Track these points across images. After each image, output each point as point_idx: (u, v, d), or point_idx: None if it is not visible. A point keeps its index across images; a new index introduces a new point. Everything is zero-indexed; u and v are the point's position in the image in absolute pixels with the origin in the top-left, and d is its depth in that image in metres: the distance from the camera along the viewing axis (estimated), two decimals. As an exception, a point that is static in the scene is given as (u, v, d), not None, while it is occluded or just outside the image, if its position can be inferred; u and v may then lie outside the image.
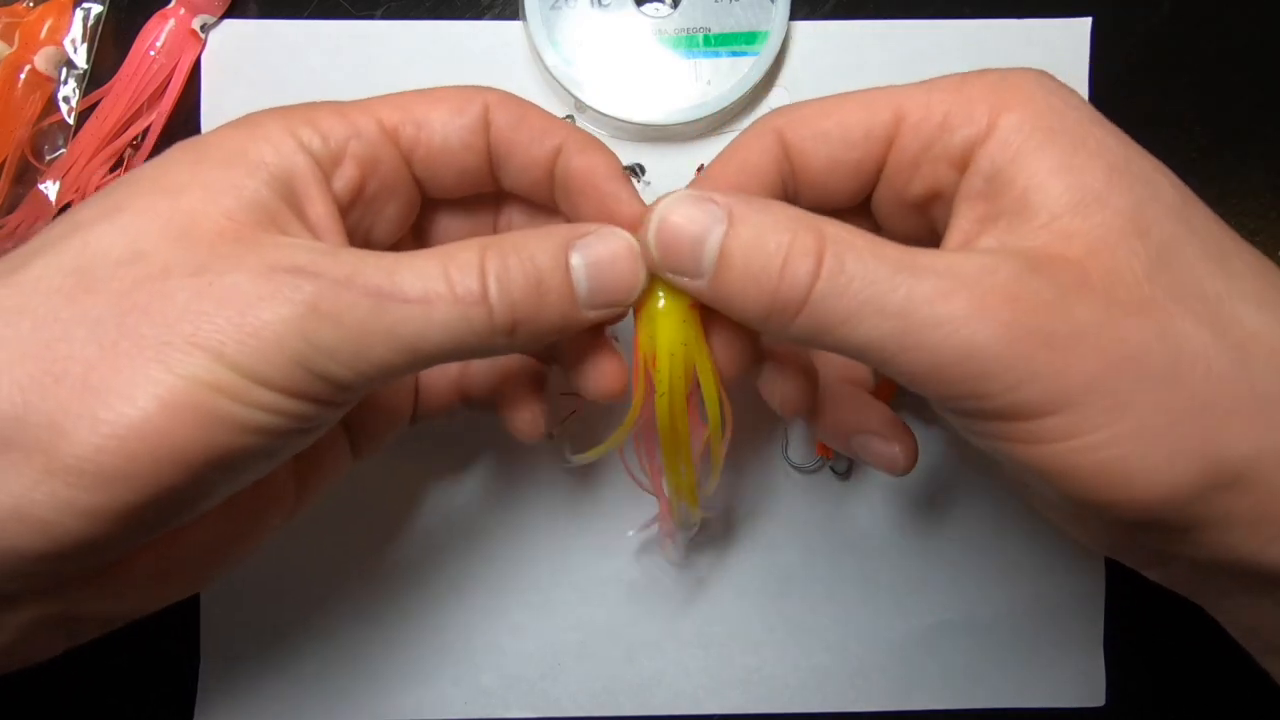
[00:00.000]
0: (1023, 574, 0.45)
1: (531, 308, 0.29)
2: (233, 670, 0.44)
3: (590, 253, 0.30)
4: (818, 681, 0.45)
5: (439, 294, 0.28)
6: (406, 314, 0.28)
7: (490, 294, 0.28)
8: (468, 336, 0.28)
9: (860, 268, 0.27)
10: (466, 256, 0.29)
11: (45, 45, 0.43)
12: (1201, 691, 0.46)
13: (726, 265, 0.28)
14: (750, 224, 0.28)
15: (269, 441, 0.28)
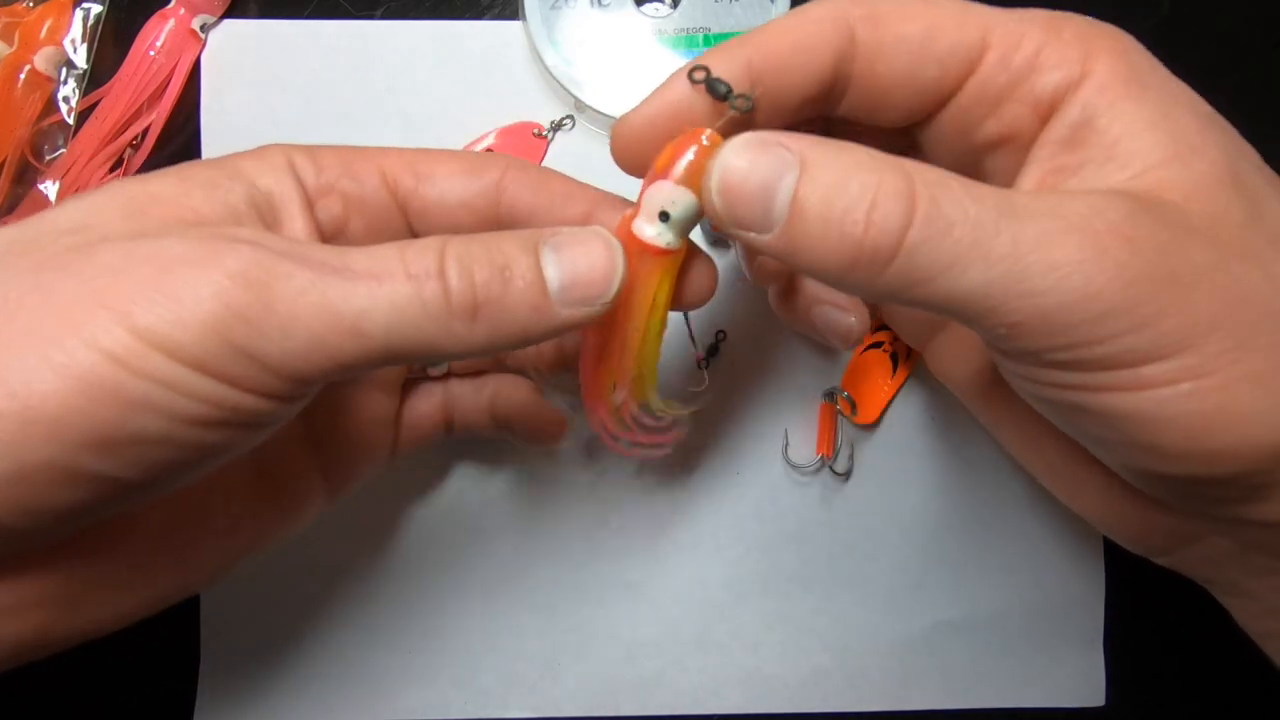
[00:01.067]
0: (1022, 574, 0.45)
1: (496, 291, 0.27)
2: (233, 670, 0.44)
3: (563, 245, 0.27)
4: (817, 681, 0.45)
5: (389, 270, 0.26)
6: (350, 289, 0.26)
7: (448, 273, 0.26)
8: (421, 319, 0.26)
9: (959, 211, 0.24)
10: (426, 242, 0.27)
11: (45, 45, 0.43)
12: (1201, 691, 0.46)
13: (801, 215, 0.25)
14: (828, 167, 0.25)
15: (193, 432, 0.25)
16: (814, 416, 0.45)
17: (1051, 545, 0.45)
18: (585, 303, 0.27)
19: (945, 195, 0.24)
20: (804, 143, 0.25)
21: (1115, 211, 0.25)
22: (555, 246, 0.28)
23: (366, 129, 0.44)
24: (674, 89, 0.29)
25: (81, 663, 0.43)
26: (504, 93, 0.45)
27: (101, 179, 0.43)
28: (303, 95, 0.44)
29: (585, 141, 0.45)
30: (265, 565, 0.44)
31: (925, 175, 0.25)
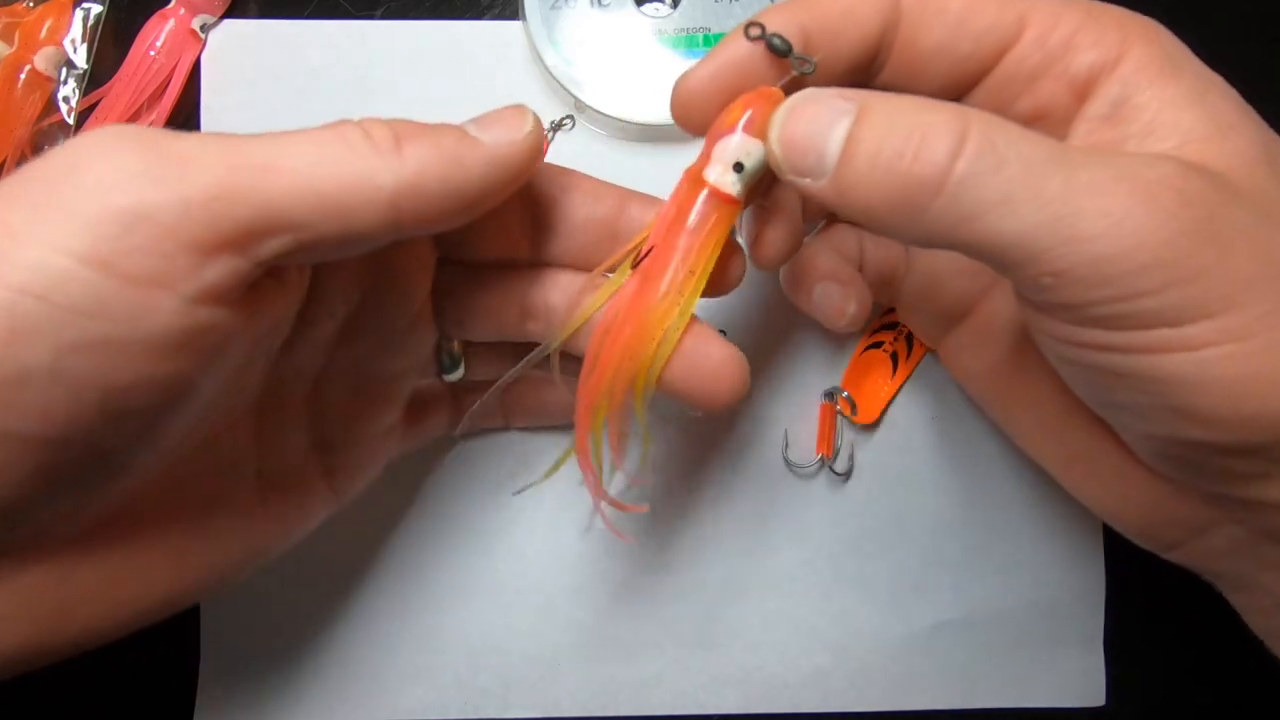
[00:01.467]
0: (1022, 574, 0.45)
1: (416, 130, 0.27)
2: (233, 670, 0.44)
3: (476, 118, 0.29)
4: (817, 681, 0.45)
5: (300, 131, 0.26)
6: (258, 140, 0.25)
7: (363, 122, 0.26)
8: (344, 154, 0.25)
9: (1013, 150, 0.24)
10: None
11: (45, 45, 0.43)
12: (1201, 691, 0.46)
13: (851, 155, 0.25)
14: (882, 112, 0.26)
15: (107, 359, 0.23)
16: (814, 416, 0.45)
17: (1052, 545, 0.45)
18: (509, 133, 0.28)
19: (1000, 133, 0.25)
20: (863, 94, 0.26)
21: (1167, 165, 0.25)
22: (467, 121, 0.29)
23: (366, 129, 0.44)
24: (734, 48, 0.30)
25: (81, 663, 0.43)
26: (504, 93, 0.45)
27: (101, 179, 0.43)
28: (303, 95, 0.44)
29: (585, 141, 0.45)
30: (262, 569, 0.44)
31: (982, 115, 0.25)
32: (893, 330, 0.44)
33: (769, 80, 0.29)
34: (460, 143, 0.27)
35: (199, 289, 0.24)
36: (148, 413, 0.25)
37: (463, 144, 0.27)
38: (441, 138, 0.27)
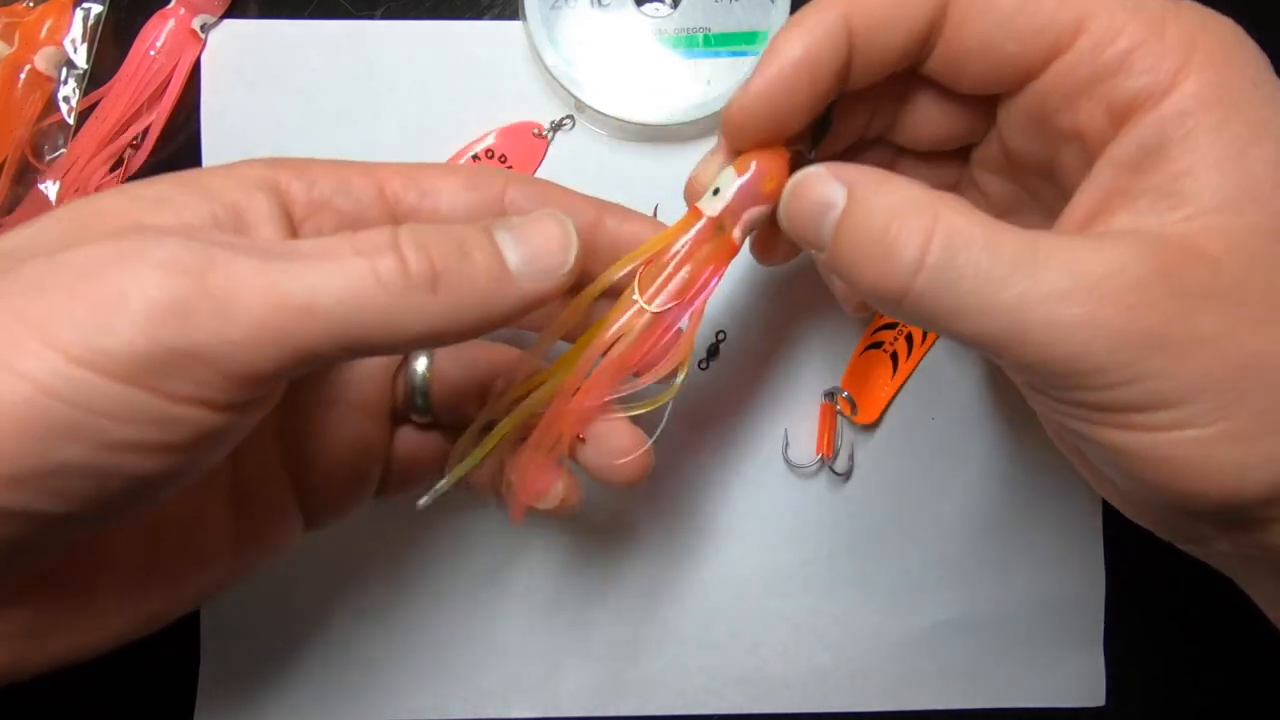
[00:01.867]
0: (1022, 574, 0.45)
1: (454, 262, 0.26)
2: (233, 670, 0.44)
3: (516, 226, 0.28)
4: (817, 681, 0.45)
5: (339, 251, 0.25)
6: (298, 268, 0.25)
7: (403, 248, 0.26)
8: (378, 292, 0.25)
9: (971, 265, 0.25)
10: (376, 229, 0.26)
11: (45, 45, 0.43)
12: (1202, 691, 0.46)
13: (839, 243, 0.28)
14: (859, 208, 0.27)
15: (129, 458, 0.24)
16: (814, 416, 0.45)
17: (1052, 545, 0.45)
18: (546, 273, 0.28)
19: (962, 245, 0.26)
20: (856, 176, 0.28)
21: (1131, 274, 0.25)
22: (509, 227, 0.28)
23: (366, 129, 0.44)
24: (777, 72, 0.29)
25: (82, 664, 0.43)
26: (504, 93, 0.45)
27: (102, 179, 0.43)
28: (303, 95, 0.44)
29: (585, 141, 0.45)
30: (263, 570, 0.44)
31: (950, 221, 0.26)
32: (893, 330, 0.44)
33: (813, 101, 0.30)
34: (496, 285, 0.27)
35: (228, 403, 0.25)
36: (155, 491, 0.26)
37: (498, 286, 0.27)
38: (478, 277, 0.27)
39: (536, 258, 0.28)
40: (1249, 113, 0.26)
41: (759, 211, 0.31)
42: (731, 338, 0.45)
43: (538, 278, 0.28)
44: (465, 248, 0.27)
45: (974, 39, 0.29)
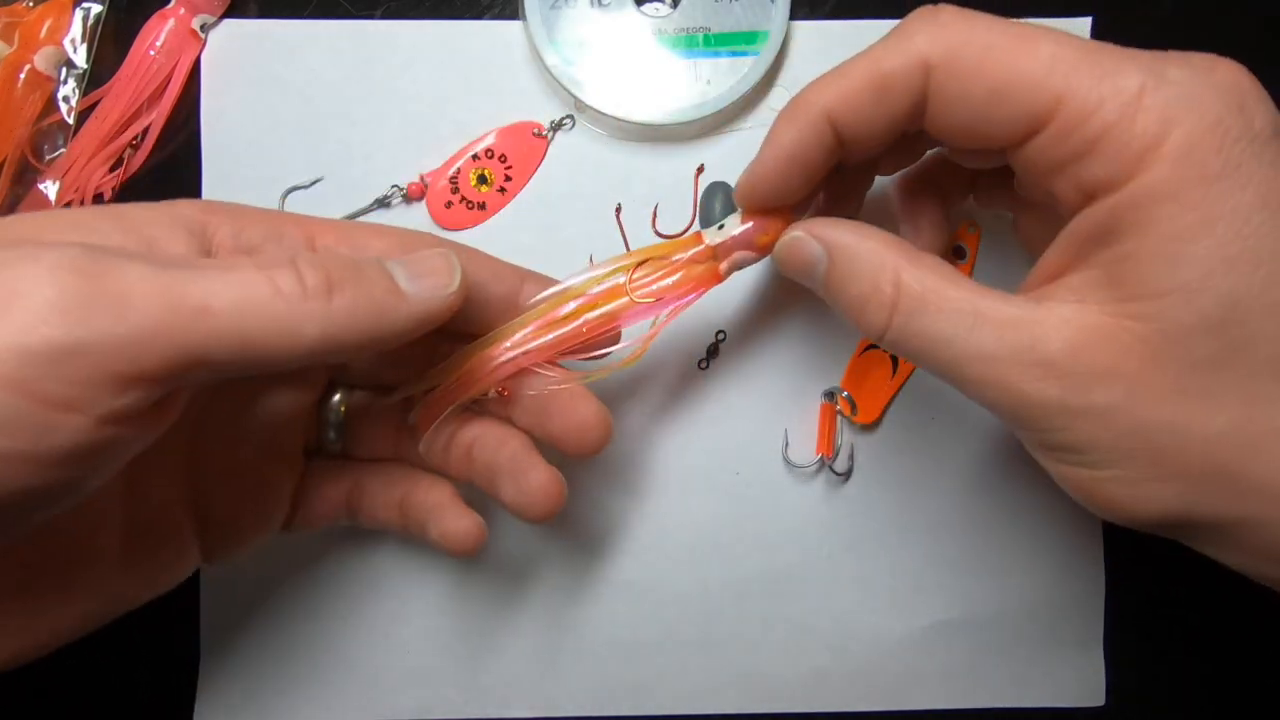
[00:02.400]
0: (1022, 574, 0.45)
1: (349, 274, 0.29)
2: (233, 670, 0.44)
3: (405, 259, 0.32)
4: (817, 681, 0.45)
5: (239, 264, 0.27)
6: (196, 274, 0.25)
7: (300, 265, 0.28)
8: (274, 299, 0.26)
9: (926, 326, 0.31)
10: (275, 252, 0.29)
11: (45, 45, 0.43)
12: (1201, 691, 0.46)
13: (827, 294, 0.34)
14: (840, 270, 0.33)
15: (15, 473, 0.24)
16: (814, 416, 0.45)
17: (1051, 545, 0.45)
18: (434, 290, 0.31)
19: (918, 310, 0.31)
20: (832, 241, 0.33)
21: (1045, 350, 0.29)
22: (399, 263, 0.31)
23: (366, 129, 0.44)
24: (770, 161, 0.34)
25: (82, 663, 0.43)
26: (504, 92, 0.45)
27: (101, 179, 0.43)
28: (303, 95, 0.44)
29: (585, 141, 0.45)
30: (266, 565, 0.44)
31: (907, 289, 0.31)
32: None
33: (810, 171, 0.34)
34: (389, 296, 0.30)
35: (109, 412, 0.25)
36: (31, 509, 0.26)
37: (391, 298, 0.30)
38: (372, 289, 0.29)
39: (424, 277, 0.31)
40: (1223, 185, 0.27)
41: (747, 256, 0.36)
42: (731, 338, 0.45)
43: (426, 294, 0.31)
44: (359, 266, 0.29)
45: (954, 122, 0.31)
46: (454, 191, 0.44)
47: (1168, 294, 0.27)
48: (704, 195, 0.44)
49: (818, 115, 0.32)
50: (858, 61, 0.32)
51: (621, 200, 0.45)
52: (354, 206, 0.44)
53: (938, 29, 0.31)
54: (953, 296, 0.30)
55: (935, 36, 0.30)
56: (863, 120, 0.32)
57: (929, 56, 0.30)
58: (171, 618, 0.44)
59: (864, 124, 0.32)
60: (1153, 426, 0.28)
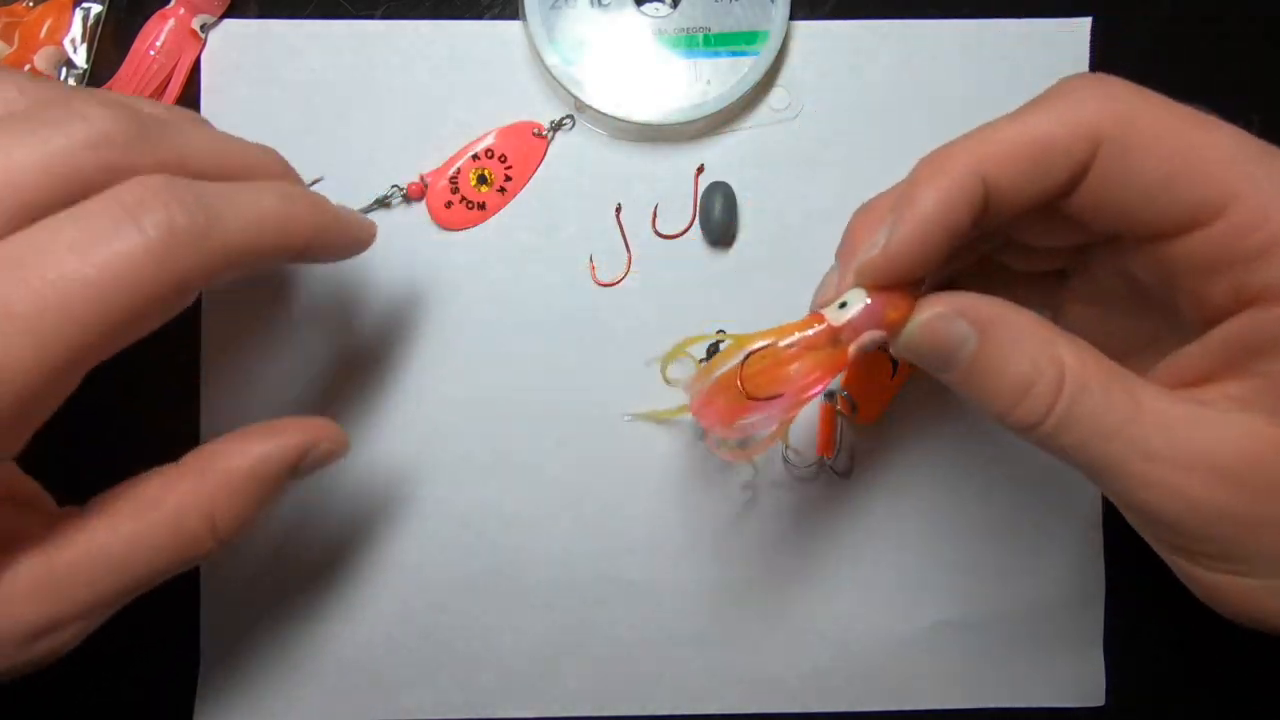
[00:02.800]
0: (1023, 574, 0.45)
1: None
2: (232, 669, 0.44)
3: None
4: (817, 681, 0.45)
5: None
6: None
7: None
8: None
9: (1088, 417, 0.28)
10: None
11: (45, 45, 0.43)
12: (1201, 692, 0.46)
13: (971, 381, 0.30)
14: (997, 350, 0.29)
15: None
16: (814, 416, 0.45)
17: (1052, 546, 0.45)
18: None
19: (1083, 396, 0.28)
20: (983, 317, 0.29)
21: (1226, 452, 0.27)
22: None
23: (366, 129, 0.44)
24: (914, 231, 0.30)
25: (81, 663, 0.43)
26: (504, 92, 0.45)
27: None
28: (302, 95, 0.44)
29: (585, 141, 0.45)
30: (265, 564, 0.44)
31: (1074, 370, 0.28)
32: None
33: (948, 242, 0.30)
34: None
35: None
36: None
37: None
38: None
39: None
40: None
41: (877, 336, 0.31)
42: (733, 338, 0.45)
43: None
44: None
45: (1112, 202, 0.29)
46: (454, 191, 0.44)
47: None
48: (704, 196, 0.44)
49: (969, 175, 0.29)
50: (1012, 123, 0.29)
51: (621, 200, 0.45)
52: (353, 206, 0.44)
53: (1110, 100, 0.28)
54: (1116, 386, 0.28)
55: (1107, 107, 0.28)
56: (1016, 187, 0.29)
57: (1100, 127, 0.28)
58: (171, 616, 0.44)
59: (1015, 191, 0.29)
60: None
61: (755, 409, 0.33)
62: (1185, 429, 0.27)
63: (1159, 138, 0.28)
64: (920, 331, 0.30)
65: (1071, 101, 0.29)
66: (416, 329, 0.44)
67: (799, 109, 0.45)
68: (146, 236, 0.26)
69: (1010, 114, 0.30)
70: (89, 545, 0.30)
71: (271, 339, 0.44)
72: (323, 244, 0.33)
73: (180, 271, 0.27)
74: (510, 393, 0.44)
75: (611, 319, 0.45)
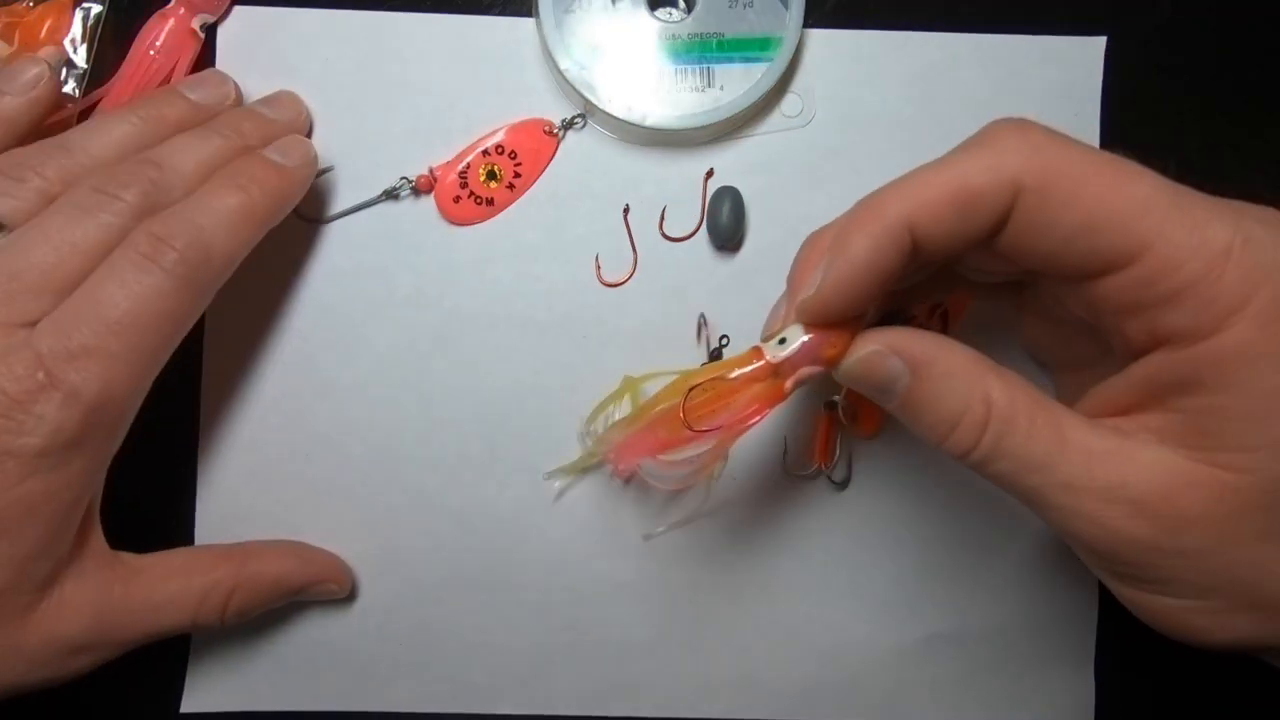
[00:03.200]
0: (1016, 590, 0.45)
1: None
2: (222, 659, 0.44)
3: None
4: (808, 690, 0.45)
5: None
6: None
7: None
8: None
9: (1015, 446, 0.30)
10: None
11: (45, 45, 0.43)
12: (1191, 711, 0.47)
13: (905, 413, 0.32)
14: (927, 387, 0.31)
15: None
16: (814, 426, 0.45)
17: (1046, 563, 0.45)
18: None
19: (1010, 433, 0.30)
20: (914, 354, 0.31)
21: (1136, 491, 0.29)
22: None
23: (377, 119, 0.44)
24: (843, 275, 0.31)
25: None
26: (515, 89, 0.44)
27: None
28: (314, 85, 0.44)
29: (595, 141, 0.45)
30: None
31: (1001, 407, 0.30)
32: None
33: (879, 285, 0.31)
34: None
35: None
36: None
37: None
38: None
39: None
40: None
41: (814, 371, 0.33)
42: (734, 342, 0.45)
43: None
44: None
45: (1034, 246, 0.30)
46: (463, 186, 0.44)
47: (1260, 449, 0.28)
48: (712, 200, 0.44)
49: (897, 224, 0.30)
50: (939, 171, 0.30)
51: (630, 201, 0.45)
52: (362, 197, 0.44)
53: (1031, 151, 0.30)
54: (1041, 420, 0.30)
55: (1028, 157, 0.29)
56: (942, 233, 0.30)
57: (1021, 179, 0.29)
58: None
59: (942, 236, 0.30)
60: (1240, 564, 0.29)
61: (696, 440, 0.35)
62: (1105, 462, 0.29)
63: (1076, 188, 0.29)
64: (857, 367, 0.32)
65: (995, 151, 0.30)
66: (419, 322, 0.44)
67: (810, 116, 0.45)
68: (172, 275, 0.35)
69: (938, 160, 0.31)
70: (140, 589, 0.37)
71: (273, 332, 0.44)
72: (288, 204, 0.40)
73: (199, 290, 0.36)
74: (510, 389, 0.44)
75: (615, 319, 0.45)
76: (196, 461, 0.44)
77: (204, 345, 0.44)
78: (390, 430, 0.44)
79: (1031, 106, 0.45)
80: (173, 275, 0.35)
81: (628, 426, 0.36)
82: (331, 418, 0.44)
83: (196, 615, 0.38)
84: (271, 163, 0.39)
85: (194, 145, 0.38)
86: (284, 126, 0.42)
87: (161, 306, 0.35)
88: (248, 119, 0.41)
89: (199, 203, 0.37)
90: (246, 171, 0.38)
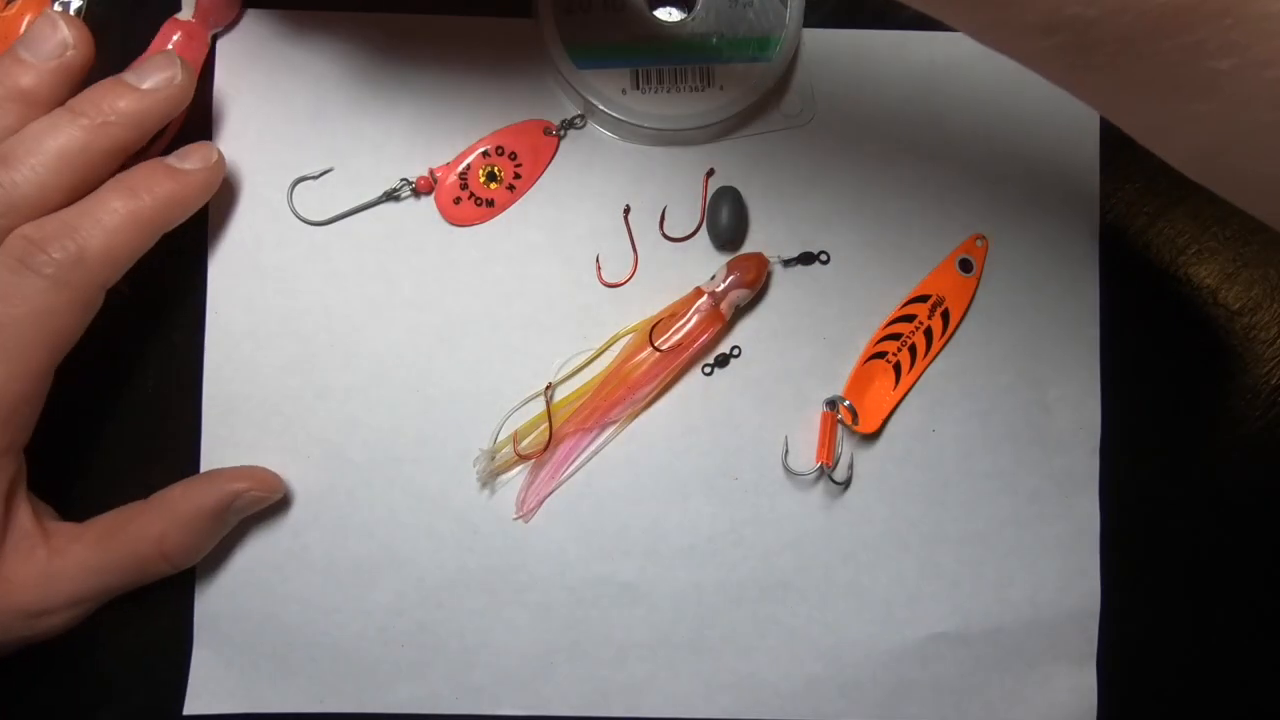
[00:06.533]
0: (1018, 590, 0.45)
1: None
2: (224, 661, 0.44)
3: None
4: (809, 689, 0.45)
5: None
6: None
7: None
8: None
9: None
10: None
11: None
12: (1194, 710, 0.46)
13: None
14: None
15: None
16: (815, 424, 0.45)
17: (1048, 562, 0.45)
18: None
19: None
20: None
21: None
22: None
23: (377, 121, 0.44)
24: None
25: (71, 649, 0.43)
26: (516, 90, 0.45)
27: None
28: (315, 85, 0.44)
29: (595, 141, 0.45)
30: (260, 556, 0.44)
31: None
32: (897, 341, 0.44)
33: None
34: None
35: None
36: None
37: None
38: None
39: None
40: None
41: (741, 294, 0.43)
42: (734, 343, 0.45)
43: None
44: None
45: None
46: (463, 187, 0.44)
47: None
48: (712, 199, 0.44)
49: None
50: None
51: (630, 201, 0.45)
52: (363, 198, 0.44)
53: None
54: None
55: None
56: None
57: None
58: (163, 607, 0.44)
59: None
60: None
61: (665, 361, 0.43)
62: None
63: None
64: None
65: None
66: (420, 323, 0.44)
67: (811, 116, 0.45)
68: (43, 276, 0.37)
69: None
70: (76, 556, 0.39)
71: (274, 333, 0.44)
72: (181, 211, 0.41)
73: (77, 290, 0.37)
74: (512, 390, 0.44)
75: (617, 320, 0.45)
76: (198, 462, 0.44)
77: (205, 346, 0.44)
78: (391, 431, 0.44)
79: (1031, 106, 0.45)
80: (47, 278, 0.37)
81: (580, 398, 0.43)
82: (332, 418, 0.44)
83: (138, 568, 0.40)
84: (166, 168, 0.40)
85: (47, 134, 0.38)
86: (156, 99, 0.40)
87: (39, 304, 0.37)
88: (110, 94, 0.39)
89: (83, 208, 0.38)
90: (140, 177, 0.39)
